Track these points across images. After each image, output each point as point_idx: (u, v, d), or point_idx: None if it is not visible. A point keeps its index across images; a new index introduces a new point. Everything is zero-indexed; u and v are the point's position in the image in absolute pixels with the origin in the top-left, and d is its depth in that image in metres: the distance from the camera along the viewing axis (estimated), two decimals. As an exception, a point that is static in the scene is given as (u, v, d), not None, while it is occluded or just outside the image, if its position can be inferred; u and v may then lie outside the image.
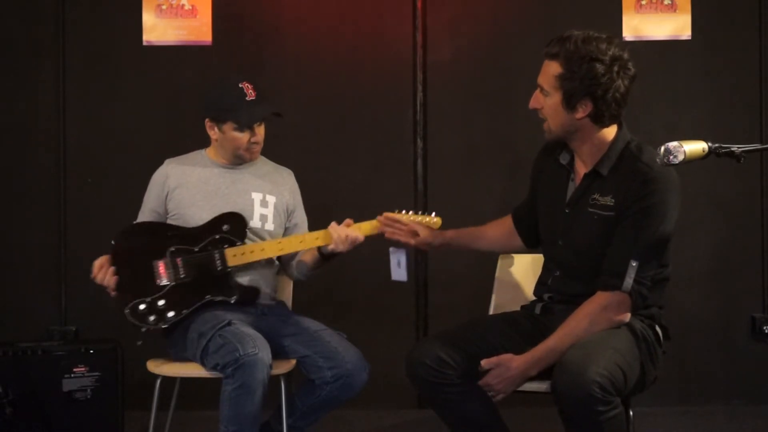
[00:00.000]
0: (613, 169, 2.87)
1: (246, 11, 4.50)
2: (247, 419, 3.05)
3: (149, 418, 3.26)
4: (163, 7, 4.45)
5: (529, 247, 3.25)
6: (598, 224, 2.86)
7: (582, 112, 2.83)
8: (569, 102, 2.82)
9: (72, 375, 3.77)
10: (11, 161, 4.48)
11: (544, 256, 3.08)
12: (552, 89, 2.84)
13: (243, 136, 3.36)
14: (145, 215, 3.43)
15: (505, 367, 2.79)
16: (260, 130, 3.40)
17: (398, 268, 3.37)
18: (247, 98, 3.34)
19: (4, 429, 3.65)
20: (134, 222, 3.43)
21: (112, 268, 3.25)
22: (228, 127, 3.36)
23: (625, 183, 2.83)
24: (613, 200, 2.84)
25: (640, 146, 2.89)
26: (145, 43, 4.46)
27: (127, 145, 4.42)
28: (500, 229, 3.29)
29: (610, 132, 2.90)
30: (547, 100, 2.87)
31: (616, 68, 2.80)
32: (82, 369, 3.78)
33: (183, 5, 4.46)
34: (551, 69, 2.84)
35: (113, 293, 3.25)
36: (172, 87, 4.45)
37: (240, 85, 3.35)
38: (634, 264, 2.78)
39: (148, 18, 4.45)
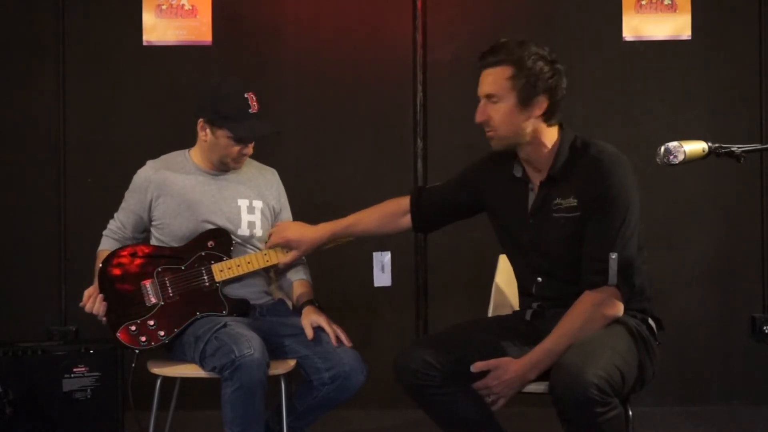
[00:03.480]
0: (567, 170, 2.88)
1: (246, 11, 4.51)
2: (250, 419, 3.04)
3: (149, 418, 3.26)
4: (163, 7, 4.46)
5: (416, 231, 3.28)
6: (567, 227, 2.86)
7: (539, 109, 2.85)
8: (525, 101, 2.84)
9: (72, 375, 3.77)
10: (11, 161, 4.48)
11: (517, 268, 3.07)
12: (505, 92, 2.85)
13: (235, 146, 3.31)
14: (126, 214, 3.41)
15: (503, 370, 2.79)
16: (251, 143, 3.38)
17: (381, 273, 3.35)
18: (249, 110, 3.27)
19: (4, 429, 3.65)
20: (114, 235, 3.43)
21: (100, 296, 3.24)
22: (222, 133, 3.29)
23: (581, 180, 2.84)
24: (575, 200, 2.85)
25: (585, 141, 2.91)
26: (145, 43, 4.47)
27: (127, 145, 4.42)
28: (380, 213, 3.26)
29: (554, 133, 2.91)
30: (498, 107, 2.88)
31: (557, 65, 2.86)
32: (82, 369, 3.78)
33: (183, 5, 4.46)
34: (499, 74, 2.86)
35: (104, 319, 3.25)
36: (172, 87, 4.45)
37: (245, 95, 3.27)
38: (613, 256, 2.78)
39: (148, 18, 4.46)
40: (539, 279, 2.96)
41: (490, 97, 2.89)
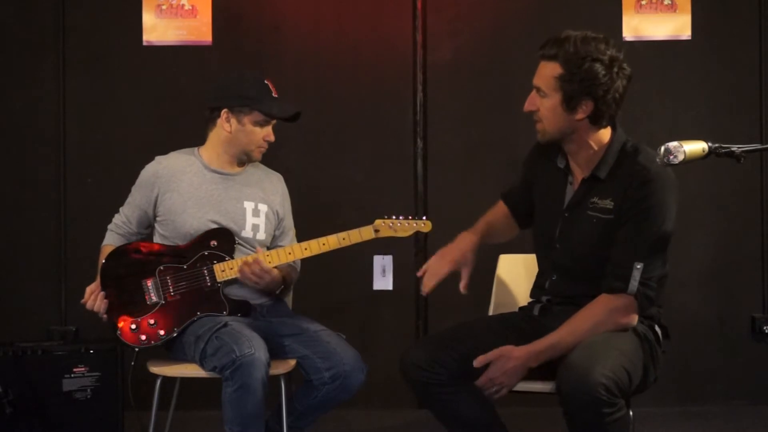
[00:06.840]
0: (611, 172, 2.85)
1: (246, 11, 4.51)
2: (250, 419, 3.04)
3: (149, 418, 3.26)
4: (163, 7, 4.46)
5: (523, 228, 3.20)
6: (597, 227, 2.85)
7: (582, 113, 2.81)
8: (569, 103, 2.80)
9: (72, 375, 3.77)
10: (11, 161, 4.48)
11: (540, 261, 3.07)
12: (551, 90, 2.82)
13: (260, 132, 3.34)
14: (132, 209, 3.41)
15: (506, 358, 2.76)
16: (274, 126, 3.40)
17: (382, 276, 3.35)
18: (272, 94, 3.36)
19: (4, 429, 3.65)
20: (118, 229, 3.43)
21: (102, 293, 3.24)
22: (249, 119, 3.32)
23: (623, 185, 2.82)
24: (612, 203, 2.83)
25: (636, 147, 2.87)
26: (145, 43, 4.47)
27: (127, 145, 4.42)
28: (503, 220, 3.21)
29: (605, 134, 2.89)
30: (544, 102, 2.84)
31: (615, 69, 2.79)
32: (82, 369, 3.78)
33: (183, 5, 4.46)
34: (549, 70, 2.81)
35: (104, 317, 3.25)
36: (172, 87, 4.45)
37: (265, 81, 3.36)
38: (638, 266, 2.76)
39: (148, 18, 4.46)
40: (554, 277, 2.96)
41: (538, 90, 2.86)
